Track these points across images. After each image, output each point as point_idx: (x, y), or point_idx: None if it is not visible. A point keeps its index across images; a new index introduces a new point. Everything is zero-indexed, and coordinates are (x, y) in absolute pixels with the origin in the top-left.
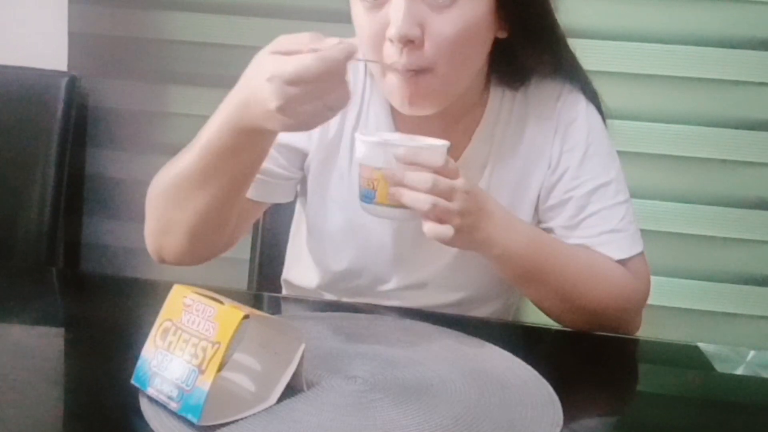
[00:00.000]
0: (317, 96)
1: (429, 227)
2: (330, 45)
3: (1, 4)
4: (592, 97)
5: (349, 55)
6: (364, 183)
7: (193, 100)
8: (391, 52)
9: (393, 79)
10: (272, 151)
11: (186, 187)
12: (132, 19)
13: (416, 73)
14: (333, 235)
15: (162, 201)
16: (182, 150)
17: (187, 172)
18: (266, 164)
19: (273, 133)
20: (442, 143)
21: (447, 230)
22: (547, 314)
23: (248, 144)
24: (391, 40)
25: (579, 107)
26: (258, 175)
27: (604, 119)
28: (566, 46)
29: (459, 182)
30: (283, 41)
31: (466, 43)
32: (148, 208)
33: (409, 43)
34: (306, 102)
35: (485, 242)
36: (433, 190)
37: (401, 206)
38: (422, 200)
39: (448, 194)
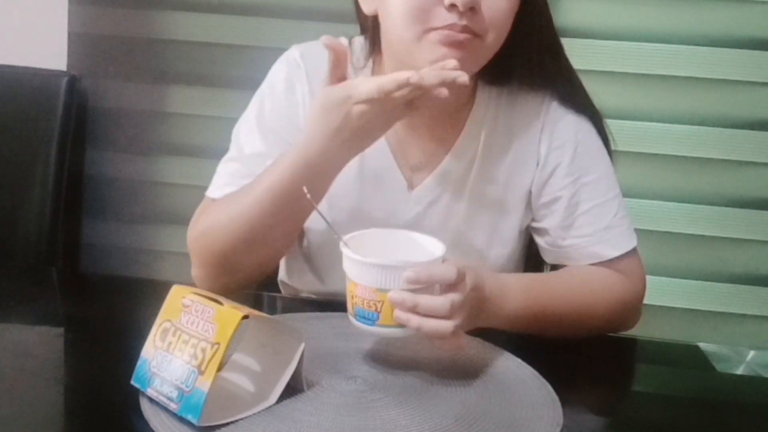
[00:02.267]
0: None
1: (439, 344)
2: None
3: (1, 4)
4: (585, 102)
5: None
6: (363, 304)
7: (193, 100)
8: (445, 17)
9: (437, 40)
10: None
11: (259, 234)
12: (132, 19)
13: (469, 36)
14: (320, 230)
15: (229, 249)
16: (232, 198)
17: (247, 216)
18: None
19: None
20: (440, 247)
21: (457, 345)
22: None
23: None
24: (454, 5)
25: (566, 107)
26: None
27: (602, 122)
28: (559, 53)
29: (468, 285)
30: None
31: (509, 20)
32: (201, 255)
33: (470, 9)
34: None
35: (486, 322)
36: (451, 313)
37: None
38: (443, 327)
39: (461, 307)
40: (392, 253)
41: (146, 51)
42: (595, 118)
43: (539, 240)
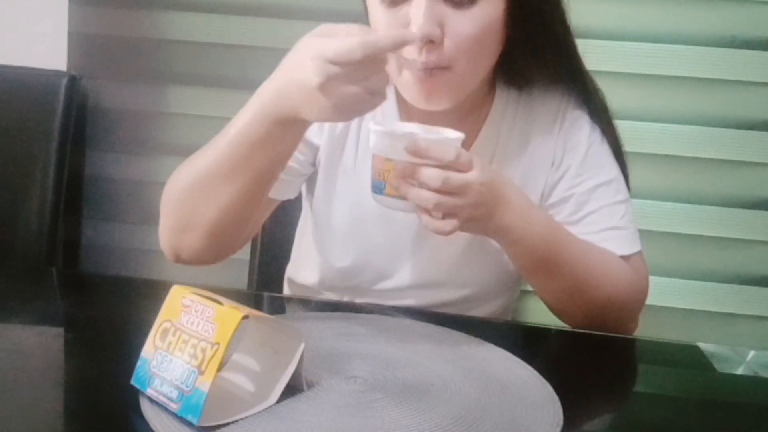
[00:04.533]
0: (359, 79)
1: (427, 221)
2: (377, 35)
3: (1, 4)
4: (599, 105)
5: (396, 45)
6: (375, 174)
7: (193, 100)
8: (410, 50)
9: (410, 76)
10: None
11: (211, 182)
12: (132, 19)
13: (435, 71)
14: (337, 230)
15: (184, 197)
16: (203, 147)
17: (214, 167)
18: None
19: (305, 124)
20: (457, 135)
21: (446, 225)
22: (551, 307)
23: (281, 135)
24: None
25: (582, 109)
26: None
27: (614, 126)
28: (573, 56)
29: (472, 175)
30: (329, 27)
31: (484, 42)
32: (165, 206)
33: (429, 42)
34: (348, 83)
35: (501, 230)
36: (442, 188)
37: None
38: (426, 198)
39: (459, 190)
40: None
41: (146, 51)
42: (609, 122)
43: None
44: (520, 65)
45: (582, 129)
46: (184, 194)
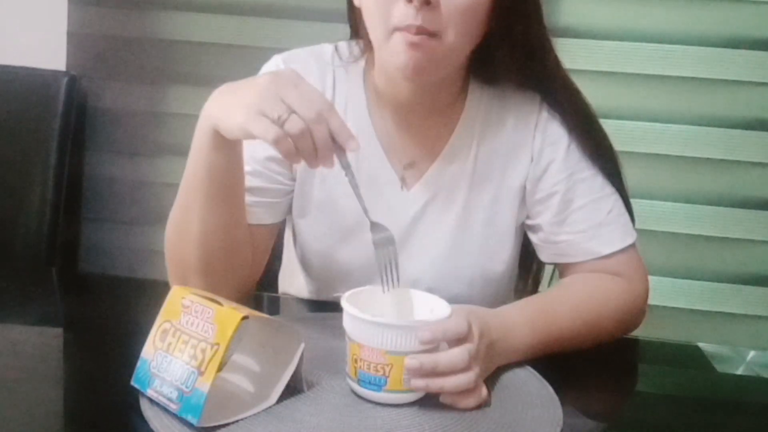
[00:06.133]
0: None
1: (461, 402)
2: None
3: (1, 4)
4: (577, 101)
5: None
6: (366, 367)
7: (193, 100)
8: (404, 13)
9: (399, 42)
10: (263, 170)
11: (183, 216)
12: (132, 19)
13: (425, 37)
14: (318, 239)
15: (170, 240)
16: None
17: (177, 204)
18: (262, 185)
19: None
20: (444, 306)
21: (475, 396)
22: None
23: (213, 149)
24: (410, 1)
25: (559, 105)
26: (258, 199)
27: (596, 121)
28: (547, 60)
29: (476, 333)
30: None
31: (475, 15)
32: (166, 253)
33: (426, 5)
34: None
35: (499, 362)
36: (470, 364)
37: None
38: (465, 379)
39: (477, 356)
40: (396, 312)
41: (146, 51)
42: (589, 117)
43: (533, 237)
44: (494, 62)
45: (562, 124)
46: (170, 237)
